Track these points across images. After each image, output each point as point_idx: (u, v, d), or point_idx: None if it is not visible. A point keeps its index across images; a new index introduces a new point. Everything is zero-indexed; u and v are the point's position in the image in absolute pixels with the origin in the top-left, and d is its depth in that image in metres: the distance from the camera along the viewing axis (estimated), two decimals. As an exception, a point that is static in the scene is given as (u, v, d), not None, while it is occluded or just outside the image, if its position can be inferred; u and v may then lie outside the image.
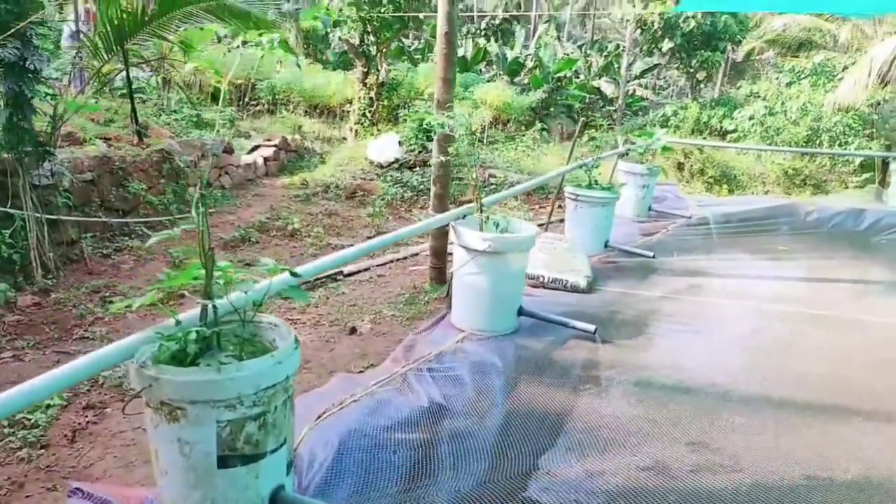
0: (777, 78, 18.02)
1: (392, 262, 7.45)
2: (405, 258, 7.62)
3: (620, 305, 4.89)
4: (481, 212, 4.20)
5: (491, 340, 4.08)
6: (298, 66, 12.84)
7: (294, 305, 5.75)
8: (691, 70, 19.54)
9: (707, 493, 2.52)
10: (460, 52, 23.77)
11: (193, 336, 2.17)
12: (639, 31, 21.17)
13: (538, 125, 15.07)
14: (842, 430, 3.05)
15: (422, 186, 10.54)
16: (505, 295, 4.15)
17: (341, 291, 6.36)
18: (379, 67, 12.50)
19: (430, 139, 11.47)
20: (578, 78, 22.54)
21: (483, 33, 21.23)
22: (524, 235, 4.09)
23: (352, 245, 8.10)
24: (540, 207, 10.39)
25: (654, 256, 5.98)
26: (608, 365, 3.75)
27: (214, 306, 2.25)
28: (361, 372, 4.39)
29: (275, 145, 11.26)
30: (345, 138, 13.28)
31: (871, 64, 13.91)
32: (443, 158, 5.81)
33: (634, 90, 23.46)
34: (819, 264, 6.05)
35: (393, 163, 11.14)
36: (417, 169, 11.00)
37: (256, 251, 7.68)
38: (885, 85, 15.71)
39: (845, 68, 17.18)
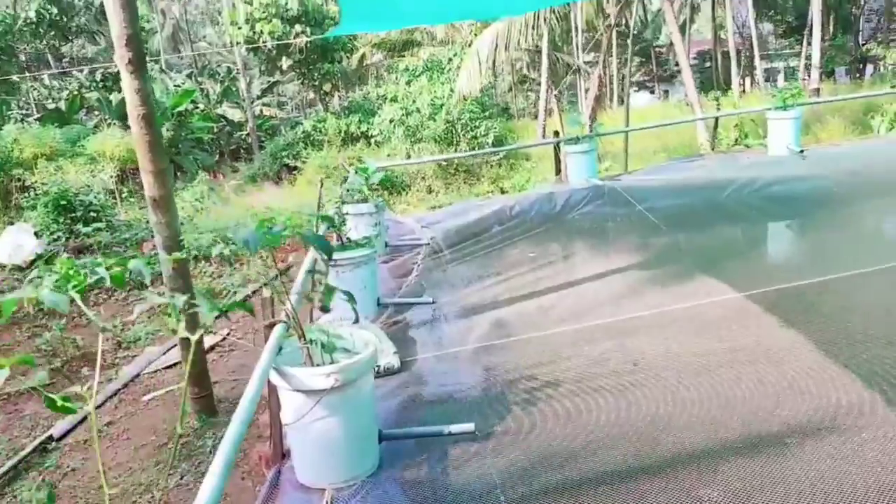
0: (396, 79, 19.02)
1: (111, 398, 5.75)
2: (123, 387, 5.95)
3: (449, 376, 4.32)
4: (304, 338, 3.22)
5: (364, 491, 3.17)
6: None
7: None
8: (316, 83, 19.56)
9: None
10: (51, 105, 20.21)
11: None
12: (250, 52, 20.44)
13: (202, 170, 13.57)
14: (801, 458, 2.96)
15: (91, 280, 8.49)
16: (364, 428, 3.27)
17: (68, 468, 4.64)
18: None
19: (75, 221, 9.33)
20: (198, 108, 20.98)
21: (101, 84, 18.36)
22: (370, 349, 3.24)
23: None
24: (241, 264, 9.19)
25: (433, 301, 5.54)
26: (524, 470, 3.17)
27: None
28: None
29: None
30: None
31: (479, 55, 15.44)
32: (177, 255, 4.56)
33: (262, 111, 22.76)
34: (571, 261, 6.30)
35: (35, 260, 8.77)
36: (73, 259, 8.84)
37: None
38: (492, 70, 17.68)
39: (450, 60, 18.90)
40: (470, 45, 17.26)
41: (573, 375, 4.04)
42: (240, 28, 18.43)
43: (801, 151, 8.49)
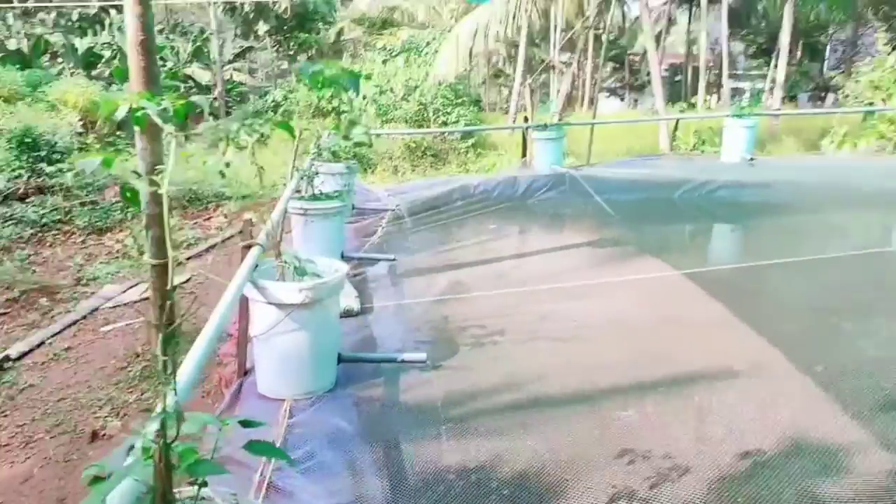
0: (373, 57, 19.10)
1: (69, 327, 5.85)
2: (82, 319, 6.06)
3: (406, 321, 4.61)
4: (279, 256, 3.47)
5: (321, 403, 3.43)
6: None
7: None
8: (291, 52, 19.53)
9: None
10: (12, 45, 19.70)
11: None
12: (227, 13, 20.27)
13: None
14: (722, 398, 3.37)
15: (45, 220, 8.47)
16: (326, 347, 3.53)
17: (26, 384, 4.75)
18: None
19: (39, 159, 9.28)
20: (166, 66, 20.71)
21: (77, 25, 17.97)
22: (339, 274, 3.51)
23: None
24: (204, 220, 9.30)
25: (394, 259, 5.80)
26: (468, 395, 3.48)
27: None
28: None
29: None
30: None
31: (458, 41, 15.68)
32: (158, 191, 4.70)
33: (231, 75, 22.56)
34: (527, 236, 6.65)
35: (-6, 195, 8.71)
36: (32, 199, 8.81)
37: None
38: (468, 59, 17.92)
39: (428, 44, 19.07)
40: (450, 31, 17.47)
41: (520, 328, 4.38)
42: (218, -14, 18.30)
43: (752, 159, 9.01)
